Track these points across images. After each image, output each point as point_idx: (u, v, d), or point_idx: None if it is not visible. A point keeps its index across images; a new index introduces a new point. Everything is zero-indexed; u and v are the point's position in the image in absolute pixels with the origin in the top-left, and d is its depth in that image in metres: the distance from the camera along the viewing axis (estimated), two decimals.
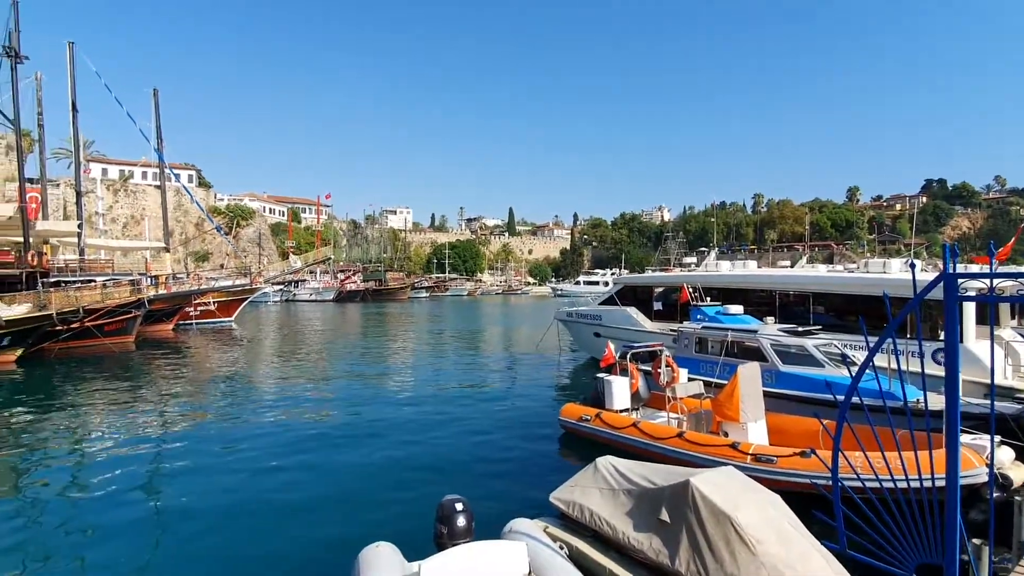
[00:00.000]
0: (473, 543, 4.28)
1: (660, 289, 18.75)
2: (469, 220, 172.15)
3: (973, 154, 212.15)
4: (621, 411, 10.13)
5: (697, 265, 23.65)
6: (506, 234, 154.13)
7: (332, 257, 77.18)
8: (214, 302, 35.76)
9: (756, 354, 10.87)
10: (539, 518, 5.59)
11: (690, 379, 10.46)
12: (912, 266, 3.67)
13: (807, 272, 17.62)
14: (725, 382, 9.37)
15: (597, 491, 5.31)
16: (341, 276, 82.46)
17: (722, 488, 4.30)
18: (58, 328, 21.65)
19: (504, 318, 48.16)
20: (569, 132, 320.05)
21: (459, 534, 4.54)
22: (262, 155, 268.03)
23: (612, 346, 11.65)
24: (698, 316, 12.89)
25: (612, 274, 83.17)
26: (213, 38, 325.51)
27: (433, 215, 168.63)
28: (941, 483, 3.04)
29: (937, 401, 8.23)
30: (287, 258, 71.66)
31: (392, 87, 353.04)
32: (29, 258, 24.00)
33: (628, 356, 10.75)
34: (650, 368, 10.83)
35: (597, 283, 76.67)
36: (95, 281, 26.05)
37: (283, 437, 11.06)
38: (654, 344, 11.35)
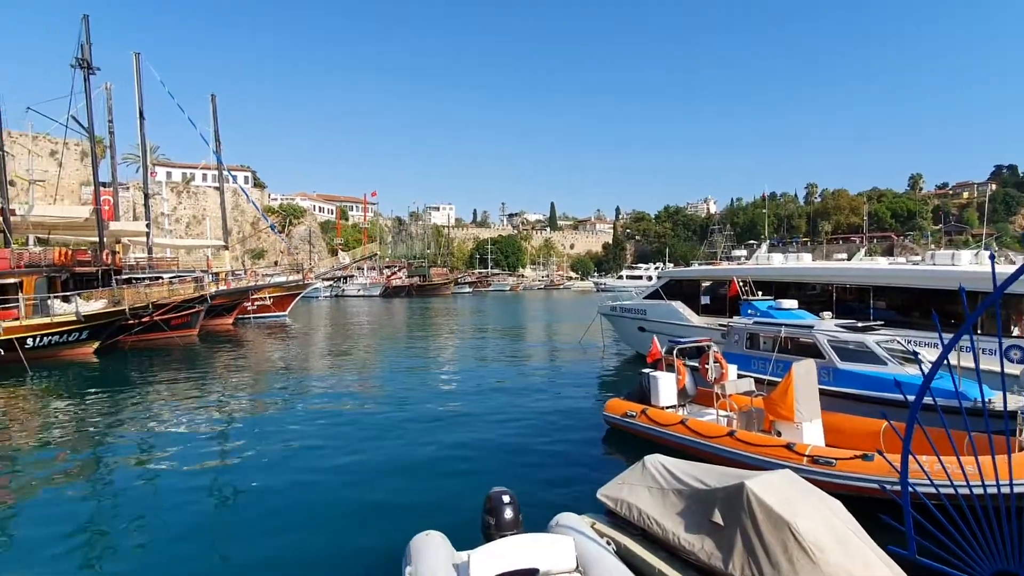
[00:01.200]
0: (521, 535, 4.33)
1: (708, 283, 18.25)
2: (511, 215, 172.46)
3: None
4: (667, 408, 9.95)
5: (747, 258, 22.88)
6: (548, 229, 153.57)
7: (378, 253, 79.27)
8: (270, 297, 37.42)
9: (811, 351, 10.43)
10: (586, 514, 5.57)
11: (740, 376, 10.15)
12: (992, 257, 3.42)
13: (869, 265, 16.73)
14: (778, 379, 9.04)
15: (645, 489, 5.24)
16: (387, 272, 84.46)
17: (779, 492, 4.15)
18: (130, 322, 23.18)
19: (546, 313, 48.10)
20: (611, 126, 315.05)
21: (507, 526, 4.60)
22: (312, 155, 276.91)
23: (658, 341, 11.44)
24: (749, 311, 12.47)
25: (656, 268, 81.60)
26: (264, 44, 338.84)
27: (475, 211, 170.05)
28: (1021, 489, 2.84)
29: (1015, 401, 7.69)
30: (336, 255, 74.02)
31: (434, 85, 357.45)
32: (104, 257, 25.81)
33: (675, 351, 10.52)
34: (697, 364, 10.57)
35: (640, 277, 75.32)
36: (162, 278, 27.79)
37: (335, 426, 11.45)
38: (702, 339, 11.05)
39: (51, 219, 26.61)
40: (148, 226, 31.45)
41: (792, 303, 12.37)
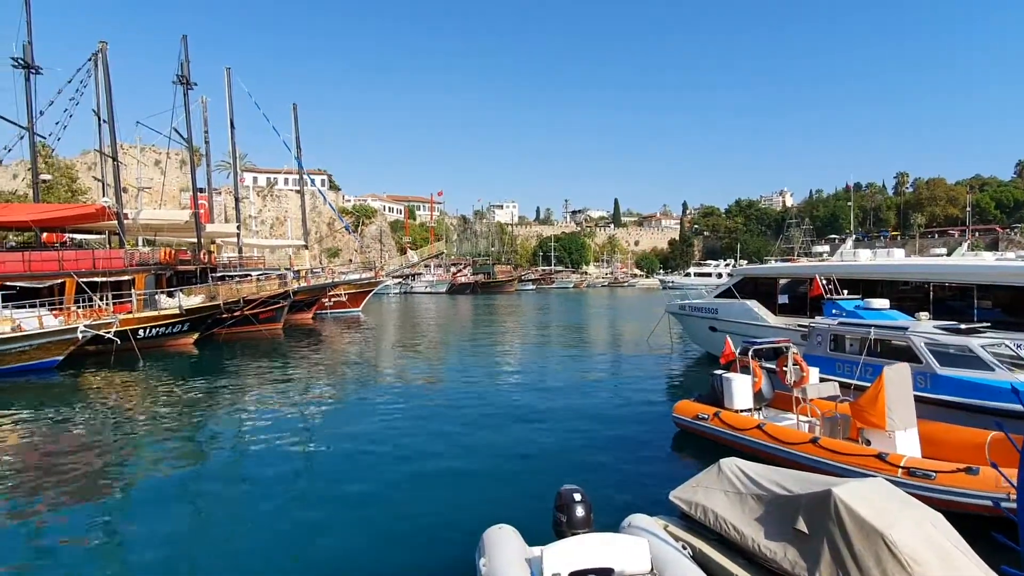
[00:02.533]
0: (595, 534, 4.33)
1: (786, 281, 17.34)
2: (574, 212, 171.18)
3: None
4: (742, 411, 9.59)
5: (830, 254, 21.48)
6: (611, 225, 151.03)
7: (444, 252, 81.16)
8: (345, 294, 39.43)
9: (905, 354, 9.68)
10: (658, 515, 5.52)
11: (821, 379, 9.61)
12: None
13: (974, 261, 15.25)
14: (866, 384, 8.50)
15: (722, 493, 5.13)
16: (453, 270, 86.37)
17: (871, 501, 3.94)
18: (224, 316, 25.23)
19: (611, 310, 47.42)
20: (676, 120, 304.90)
21: (578, 524, 4.61)
22: (382, 157, 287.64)
23: (731, 341, 11.04)
24: (833, 311, 11.75)
25: (726, 265, 78.16)
26: (336, 50, 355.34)
27: (538, 208, 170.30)
28: None
29: None
30: (404, 253, 76.60)
31: (497, 85, 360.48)
32: (202, 256, 28.25)
33: (750, 352, 10.11)
34: (774, 366, 10.11)
35: (710, 275, 72.41)
36: (250, 275, 30.01)
37: (408, 418, 11.92)
38: (779, 340, 10.54)
39: (157, 222, 29.43)
40: (238, 227, 34.03)
41: (883, 303, 11.53)
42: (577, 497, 4.75)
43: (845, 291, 13.57)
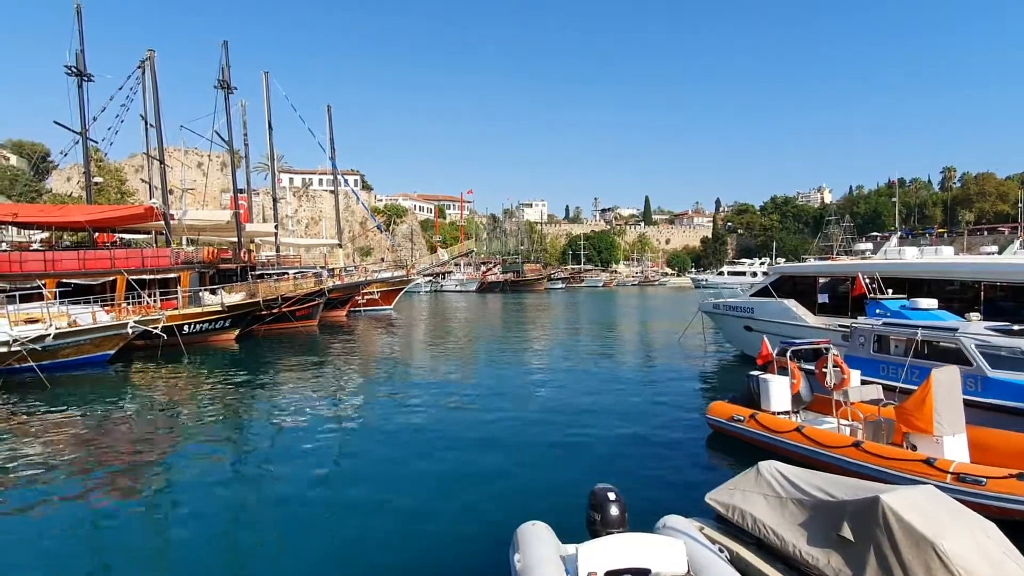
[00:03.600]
0: (630, 534, 4.32)
1: (825, 279, 16.83)
2: (603, 211, 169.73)
3: None
4: (779, 414, 9.38)
5: (874, 252, 20.74)
6: (642, 223, 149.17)
7: (474, 250, 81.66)
8: (377, 292, 40.14)
9: (954, 356, 9.31)
10: (694, 517, 5.47)
11: (863, 382, 9.31)
12: None
13: None
14: (911, 387, 8.21)
15: (761, 497, 5.05)
16: (483, 268, 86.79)
17: (920, 508, 3.83)
18: (263, 313, 26.05)
19: (642, 309, 46.90)
20: (708, 116, 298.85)
21: (613, 523, 4.60)
22: (413, 157, 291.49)
23: (768, 342, 10.80)
24: (877, 311, 11.37)
25: (761, 263, 76.40)
26: (369, 52, 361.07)
27: (567, 207, 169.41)
28: None
29: None
30: (435, 252, 77.36)
31: (527, 85, 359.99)
32: (242, 255, 29.22)
33: (788, 353, 9.87)
34: (813, 368, 9.84)
35: (744, 273, 70.86)
36: (287, 273, 30.87)
37: (438, 413, 12.11)
38: (819, 341, 10.26)
39: (200, 222, 30.56)
40: (276, 227, 35.05)
41: (931, 302, 11.09)
42: (611, 496, 4.74)
43: (890, 290, 13.10)
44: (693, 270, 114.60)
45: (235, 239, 29.95)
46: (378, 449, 9.81)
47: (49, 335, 16.18)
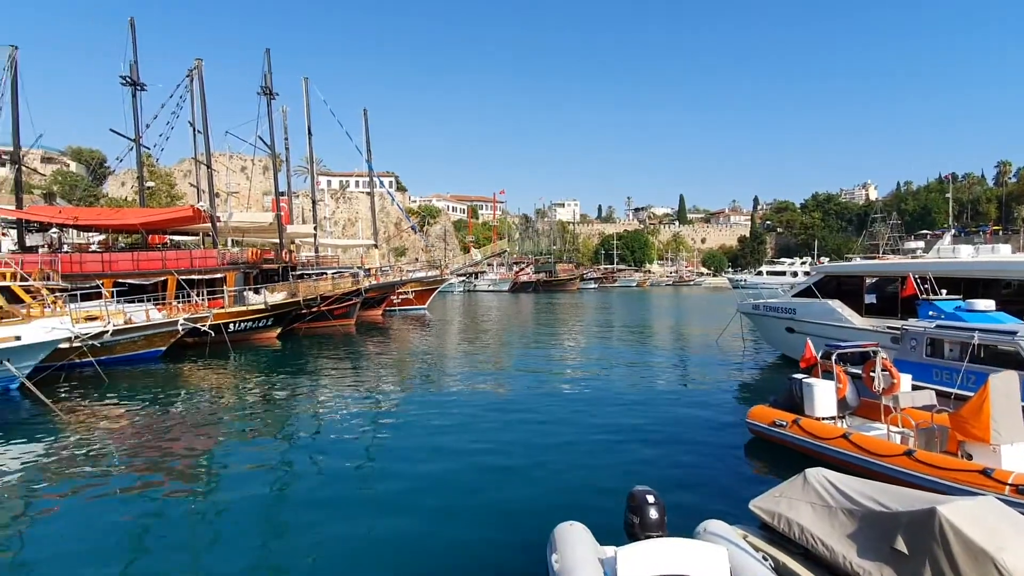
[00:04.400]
0: (671, 538, 4.23)
1: (873, 279, 16.21)
2: (637, 210, 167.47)
3: None
4: (824, 419, 9.10)
5: (925, 251, 19.86)
6: (676, 223, 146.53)
7: (507, 250, 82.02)
8: (412, 291, 40.78)
9: (1013, 361, 8.87)
10: (736, 524, 5.37)
11: (914, 387, 8.94)
12: None
13: None
14: (968, 393, 7.85)
15: (808, 506, 4.92)
16: (515, 268, 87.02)
17: (980, 521, 3.68)
18: (303, 312, 26.84)
19: (676, 310, 46.13)
20: (746, 112, 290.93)
21: (651, 526, 4.55)
22: (445, 157, 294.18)
23: (812, 344, 10.49)
24: (930, 312, 10.89)
25: (802, 263, 74.08)
26: (402, 53, 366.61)
27: (600, 206, 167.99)
28: None
29: None
30: (468, 252, 78.04)
31: (559, 85, 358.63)
32: (284, 255, 30.18)
33: (833, 356, 9.56)
34: (860, 371, 9.52)
35: (783, 273, 68.84)
36: (326, 274, 31.70)
37: (472, 412, 12.20)
38: (866, 344, 9.91)
39: (245, 224, 31.72)
40: (315, 228, 36.03)
41: (988, 304, 10.56)
42: (650, 499, 4.68)
43: (943, 291, 12.53)
44: (730, 270, 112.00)
45: (276, 240, 30.95)
46: (413, 447, 9.96)
47: (107, 332, 17.09)
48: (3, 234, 27.10)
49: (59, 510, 7.65)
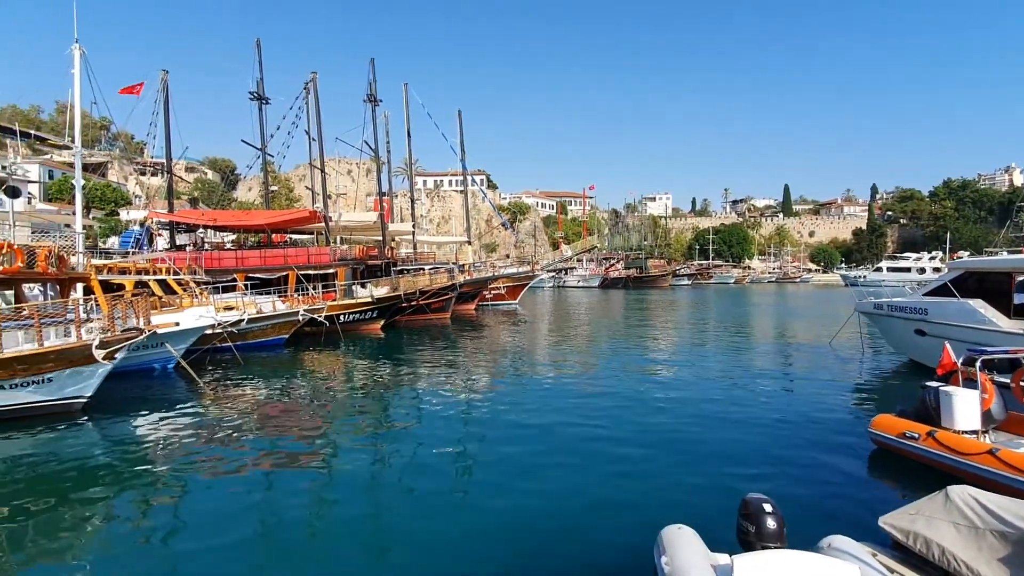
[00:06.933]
0: (794, 551, 4.04)
1: None
2: (735, 202, 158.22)
3: None
4: (966, 433, 8.20)
5: None
6: (780, 215, 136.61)
7: (597, 246, 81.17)
8: (504, 287, 41.73)
9: None
10: (864, 541, 5.04)
11: None
12: None
13: None
14: None
15: (951, 525, 4.54)
16: (605, 264, 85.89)
17: None
18: (403, 305, 28.50)
19: (780, 309, 43.13)
20: (859, 95, 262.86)
21: (769, 536, 4.38)
22: (535, 154, 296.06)
23: (950, 349, 9.45)
24: None
25: (931, 257, 66.34)
26: (493, 52, 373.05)
27: (694, 199, 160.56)
28: None
29: None
30: (556, 248, 78.16)
31: (648, 77, 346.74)
32: (387, 252, 32.21)
33: (977, 363, 8.56)
34: (1009, 381, 8.45)
35: (908, 269, 62.02)
36: (423, 269, 33.38)
37: (568, 409, 12.16)
38: (1016, 349, 8.79)
39: (352, 223, 34.22)
40: (414, 226, 38.00)
41: None
42: (767, 508, 4.52)
43: None
44: (843, 266, 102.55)
45: (379, 238, 33.04)
46: (510, 440, 10.04)
47: (243, 320, 19.32)
48: (159, 235, 31.36)
49: (202, 471, 8.88)
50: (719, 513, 6.43)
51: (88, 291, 16.00)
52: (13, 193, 19.78)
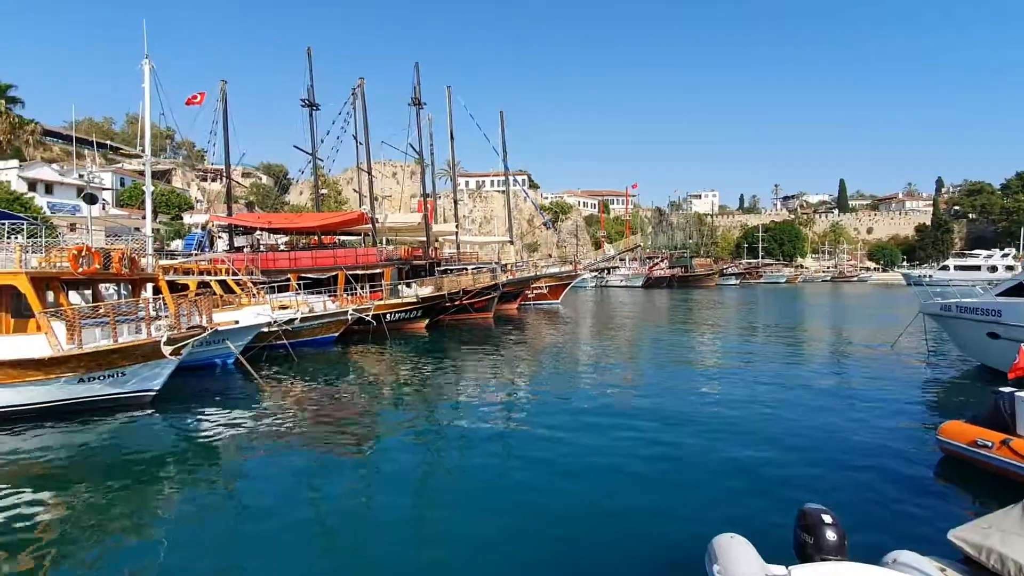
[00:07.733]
0: (858, 564, 3.90)
1: None
2: (786, 198, 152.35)
3: None
4: None
5: None
6: (835, 211, 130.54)
7: (640, 245, 79.97)
8: (546, 287, 41.72)
9: None
10: (932, 556, 4.78)
11: None
12: None
13: None
14: None
15: None
16: (649, 263, 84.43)
17: None
18: (447, 304, 28.95)
19: (836, 310, 41.22)
20: (921, 85, 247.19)
21: (830, 549, 4.21)
22: (576, 153, 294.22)
23: None
24: None
25: (1004, 255, 61.96)
26: (536, 55, 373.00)
27: (742, 196, 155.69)
28: None
29: None
30: (599, 247, 77.49)
31: (691, 72, 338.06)
32: (431, 252, 32.81)
33: None
34: None
35: (978, 268, 58.27)
36: (466, 269, 33.79)
37: (612, 411, 11.95)
38: None
39: (397, 225, 35.04)
40: (457, 227, 38.53)
41: None
42: (827, 519, 4.35)
43: None
44: (904, 264, 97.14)
45: (423, 238, 33.69)
46: (554, 441, 9.92)
47: (297, 319, 20.13)
48: (219, 237, 33.08)
49: (259, 459, 9.44)
50: (773, 524, 6.24)
51: (156, 291, 17.05)
52: (91, 200, 21.28)
